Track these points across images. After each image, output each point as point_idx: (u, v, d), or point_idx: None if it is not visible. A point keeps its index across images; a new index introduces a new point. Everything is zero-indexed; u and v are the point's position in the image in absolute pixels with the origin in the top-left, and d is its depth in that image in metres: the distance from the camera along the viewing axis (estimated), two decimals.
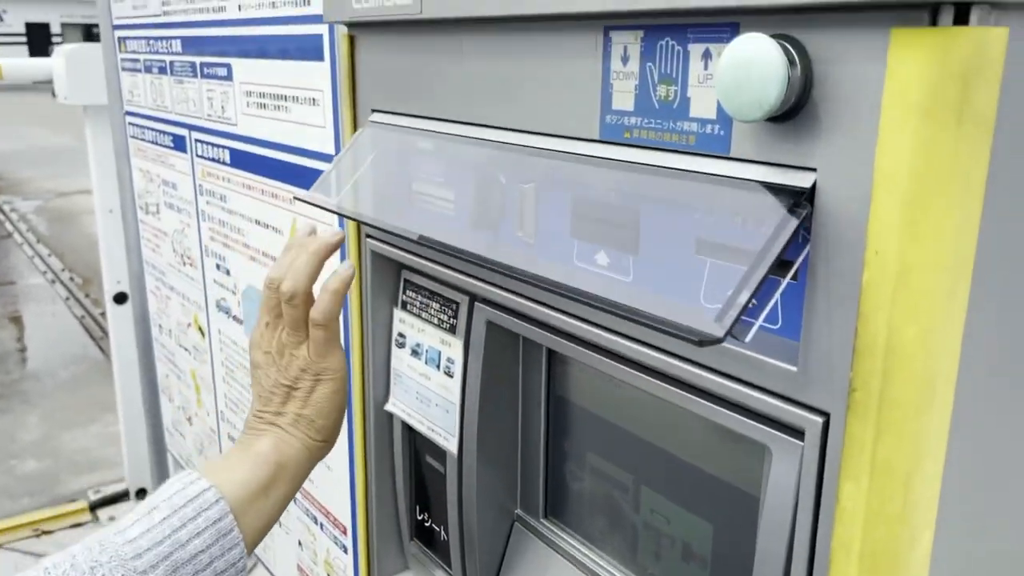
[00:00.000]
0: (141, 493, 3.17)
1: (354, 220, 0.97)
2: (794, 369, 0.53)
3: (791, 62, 0.48)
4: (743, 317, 0.51)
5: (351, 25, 0.92)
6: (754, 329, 0.55)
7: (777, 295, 0.54)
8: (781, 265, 0.52)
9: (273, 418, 0.79)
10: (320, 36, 1.05)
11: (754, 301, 0.52)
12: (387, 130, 0.90)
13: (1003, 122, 0.45)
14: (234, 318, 1.46)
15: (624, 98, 0.61)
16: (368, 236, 0.98)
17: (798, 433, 0.55)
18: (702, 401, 0.62)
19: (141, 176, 1.78)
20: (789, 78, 0.48)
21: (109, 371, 3.19)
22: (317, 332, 0.79)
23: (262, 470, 0.74)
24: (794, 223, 0.50)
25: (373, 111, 0.92)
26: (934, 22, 0.43)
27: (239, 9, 1.22)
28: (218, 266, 1.48)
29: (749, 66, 0.48)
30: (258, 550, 1.55)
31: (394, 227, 0.87)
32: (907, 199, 0.44)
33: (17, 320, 5.34)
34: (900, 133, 0.44)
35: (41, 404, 4.07)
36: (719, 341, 0.50)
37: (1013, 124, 0.45)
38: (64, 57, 2.75)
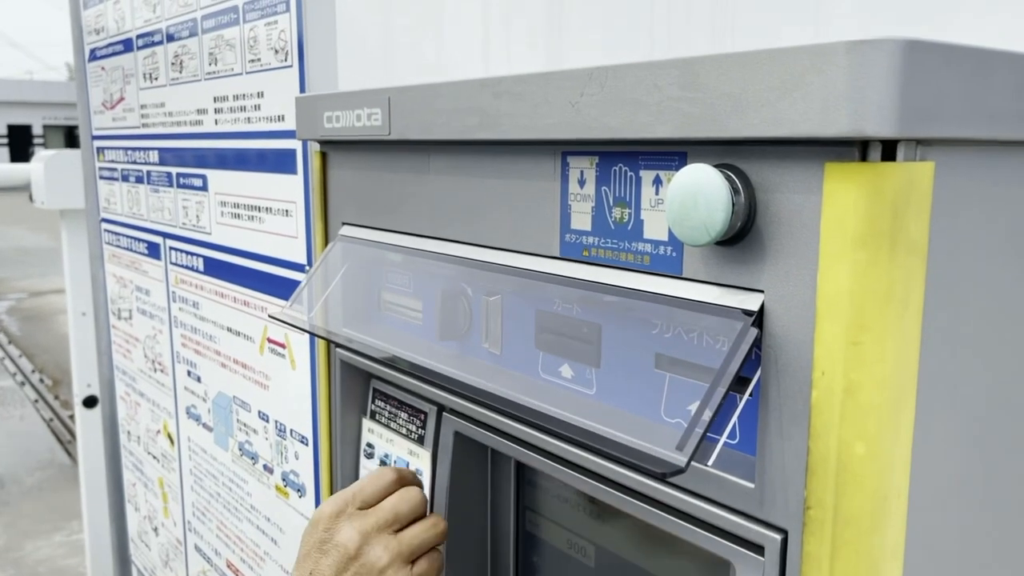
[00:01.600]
0: None
1: (326, 339, 0.98)
2: (751, 486, 0.53)
3: (735, 190, 0.51)
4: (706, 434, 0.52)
5: (323, 143, 0.95)
6: (716, 451, 0.55)
7: (736, 415, 0.55)
8: (737, 382, 0.54)
9: None
10: (293, 151, 1.08)
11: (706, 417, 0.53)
12: (357, 244, 0.92)
13: (936, 247, 0.47)
14: (204, 425, 1.44)
15: (582, 218, 0.64)
16: (338, 346, 0.99)
17: (759, 548, 0.55)
18: (666, 516, 0.63)
19: (115, 281, 1.79)
20: (734, 205, 0.50)
21: (76, 477, 3.11)
22: None
23: None
24: (746, 346, 0.52)
25: (344, 224, 0.95)
26: (864, 157, 0.45)
27: (215, 123, 1.26)
28: (189, 372, 1.48)
29: (696, 194, 0.50)
30: None
31: (363, 344, 0.88)
32: (849, 322, 0.46)
33: None
34: (839, 259, 0.46)
35: (5, 512, 3.95)
36: (682, 471, 0.51)
37: (945, 249, 0.48)
38: (43, 163, 2.79)
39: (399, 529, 0.75)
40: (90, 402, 2.90)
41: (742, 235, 0.51)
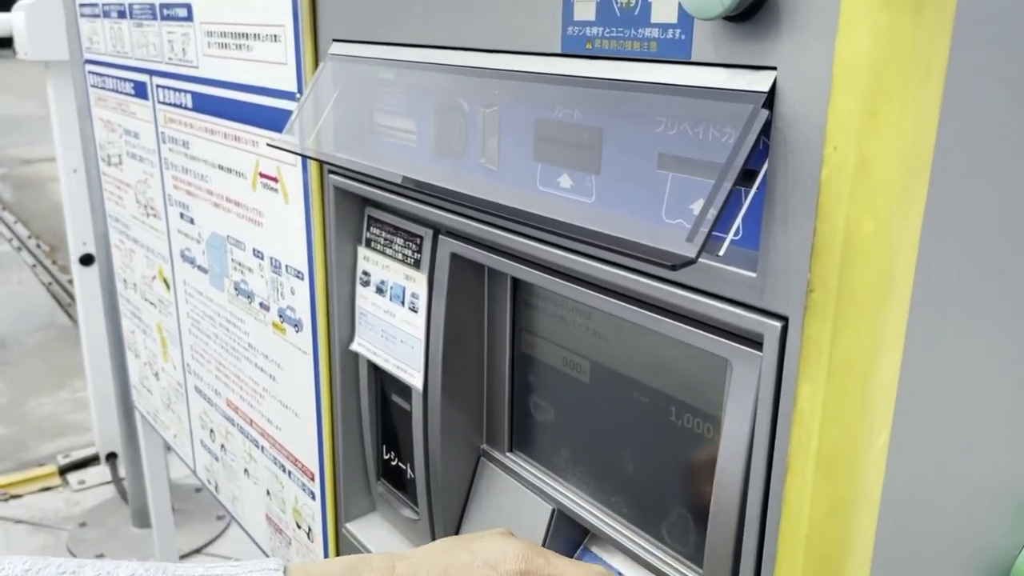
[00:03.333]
0: (111, 457, 3.16)
1: (318, 160, 0.96)
2: (753, 275, 0.52)
3: None
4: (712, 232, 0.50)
5: None
6: (726, 243, 0.54)
7: (745, 206, 0.53)
8: (745, 175, 0.52)
9: None
10: None
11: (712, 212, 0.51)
12: (348, 63, 0.89)
13: (964, 9, 0.44)
14: (199, 268, 1.44)
15: (585, 8, 0.60)
16: (331, 172, 0.96)
17: (758, 345, 0.55)
18: (663, 319, 0.62)
19: (102, 126, 1.75)
20: None
21: (77, 338, 3.15)
22: None
23: None
24: (755, 132, 0.50)
25: (334, 41, 0.91)
26: None
27: None
28: (182, 215, 1.46)
29: None
30: (228, 503, 1.55)
31: (357, 164, 0.85)
32: (866, 90, 0.44)
33: None
34: (859, 22, 0.43)
35: (7, 371, 4.01)
36: (692, 262, 0.49)
37: (974, 11, 0.45)
38: (24, 12, 2.68)
39: None
40: (87, 260, 2.91)
41: (756, 8, 0.48)
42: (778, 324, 0.51)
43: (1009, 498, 0.62)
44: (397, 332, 0.93)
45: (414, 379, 0.91)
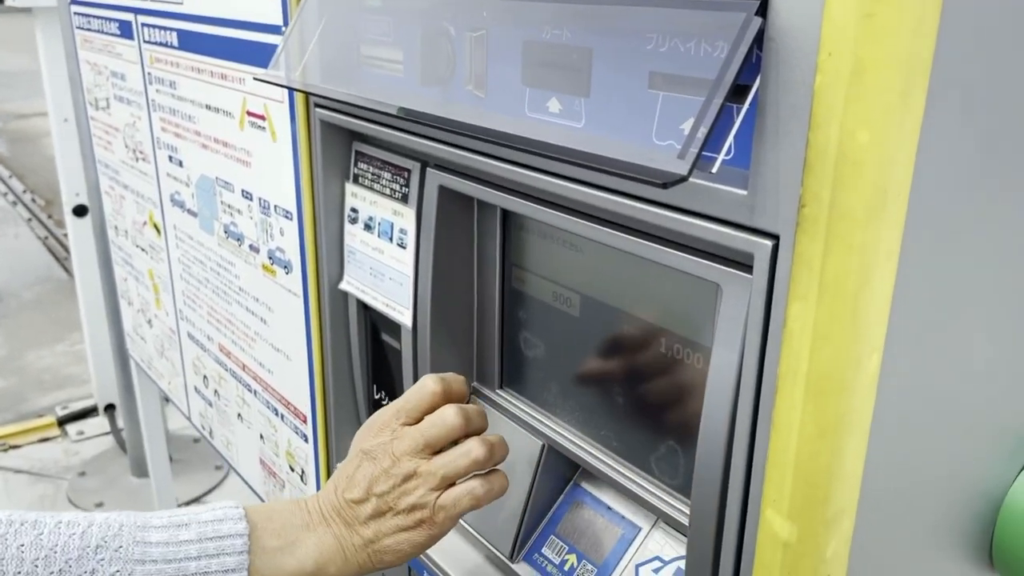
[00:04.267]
0: (109, 408, 3.17)
1: (305, 92, 0.93)
2: (744, 193, 0.51)
3: None
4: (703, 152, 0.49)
5: None
6: (719, 161, 0.52)
7: (737, 123, 0.51)
8: (737, 92, 0.50)
9: (345, 527, 0.70)
10: None
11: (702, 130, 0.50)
12: None
13: None
14: (189, 211, 1.42)
15: None
16: (317, 106, 0.94)
17: (748, 268, 0.53)
18: (653, 244, 0.61)
19: (89, 69, 1.71)
20: None
21: (73, 291, 3.14)
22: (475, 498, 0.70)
23: (304, 561, 0.68)
24: (748, 42, 0.48)
25: None
26: None
27: None
28: (171, 158, 1.43)
29: None
30: (222, 449, 1.55)
31: (343, 94, 0.83)
32: None
33: None
34: None
35: (5, 325, 4.01)
36: (683, 179, 0.48)
37: None
38: None
39: (436, 452, 0.71)
40: (80, 211, 2.88)
41: None
42: (769, 243, 0.50)
43: (1002, 428, 0.61)
44: (386, 269, 0.92)
45: (403, 317, 0.89)
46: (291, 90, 0.98)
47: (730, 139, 0.50)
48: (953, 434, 0.58)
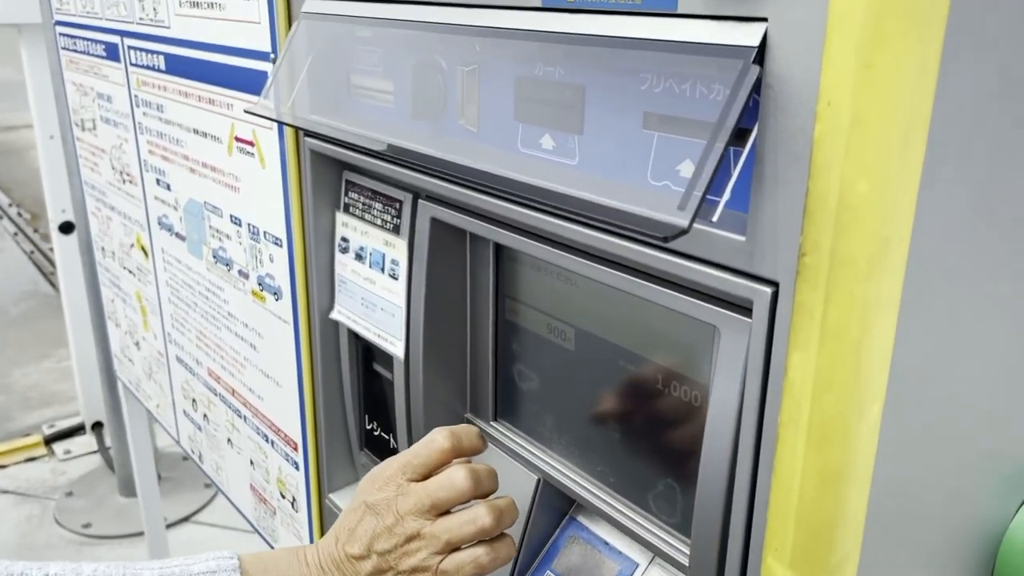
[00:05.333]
0: (97, 427, 3.14)
1: (293, 127, 0.93)
2: (742, 239, 0.50)
3: None
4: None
5: None
6: (720, 207, 0.51)
7: (738, 168, 0.51)
8: (735, 135, 0.49)
9: None
10: None
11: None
12: (322, 21, 0.85)
13: None
14: (177, 235, 1.40)
15: None
16: (307, 135, 0.93)
17: (747, 311, 0.53)
18: (649, 284, 0.60)
19: (75, 90, 1.70)
20: None
21: (60, 306, 3.11)
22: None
23: None
24: (747, 90, 0.47)
25: None
26: None
27: None
28: (158, 181, 1.42)
29: None
30: (212, 473, 1.53)
31: (332, 128, 0.82)
32: (862, 41, 0.41)
33: None
34: None
35: None
36: (685, 232, 0.47)
37: None
38: None
39: (442, 512, 0.68)
40: (66, 228, 2.86)
41: None
42: (768, 290, 0.49)
43: (1002, 466, 0.61)
44: (377, 300, 0.91)
45: (395, 348, 0.88)
46: (281, 124, 0.97)
47: (731, 185, 0.50)
48: (954, 474, 0.58)
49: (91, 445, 3.13)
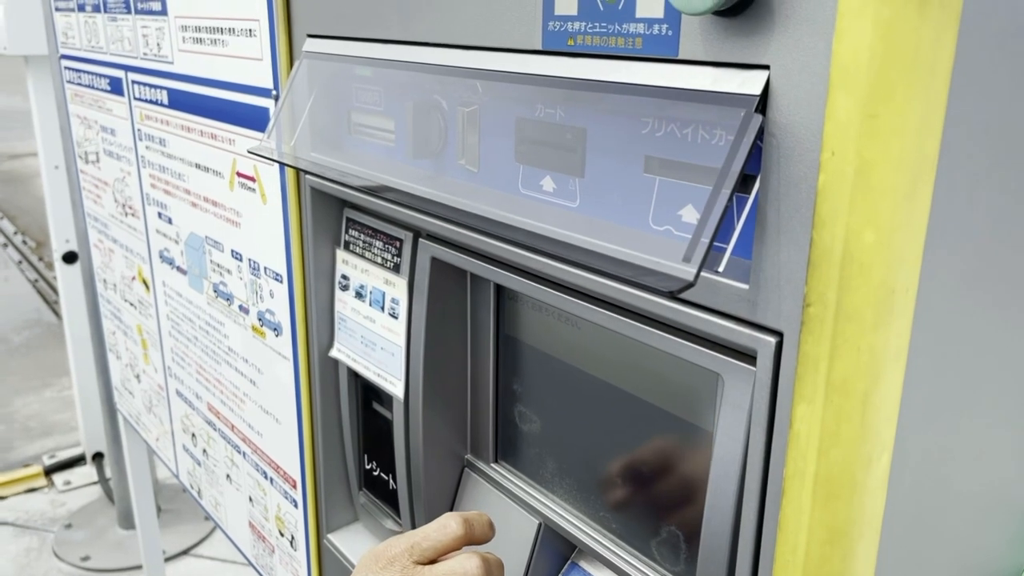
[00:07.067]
0: (97, 457, 3.11)
1: (293, 167, 0.92)
2: (745, 287, 0.49)
3: None
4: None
5: None
6: (726, 256, 0.51)
7: (743, 216, 0.50)
8: (740, 182, 0.48)
9: None
10: None
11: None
12: (323, 61, 0.85)
13: (971, 3, 0.41)
14: (178, 269, 1.40)
15: (567, 2, 0.57)
16: (307, 173, 0.93)
17: (751, 359, 0.51)
18: (652, 330, 0.59)
19: (79, 123, 1.70)
20: None
21: (63, 335, 3.10)
22: None
23: None
24: (750, 139, 0.46)
25: (308, 37, 0.87)
26: None
27: None
28: (160, 214, 1.42)
29: None
30: (211, 508, 1.51)
31: (331, 169, 0.82)
32: (866, 91, 0.40)
33: None
34: (859, 18, 0.40)
35: None
36: (691, 285, 0.46)
37: (982, 5, 0.42)
38: (3, 5, 2.63)
39: None
40: (70, 258, 2.86)
41: (747, 1, 0.45)
42: (772, 340, 0.48)
43: (1014, 519, 0.59)
44: (377, 339, 0.90)
45: (395, 388, 0.87)
46: (283, 165, 0.96)
47: (736, 234, 0.49)
48: (965, 526, 0.56)
49: (91, 476, 3.10)
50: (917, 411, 0.47)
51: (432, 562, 0.66)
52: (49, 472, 3.12)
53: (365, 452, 1.00)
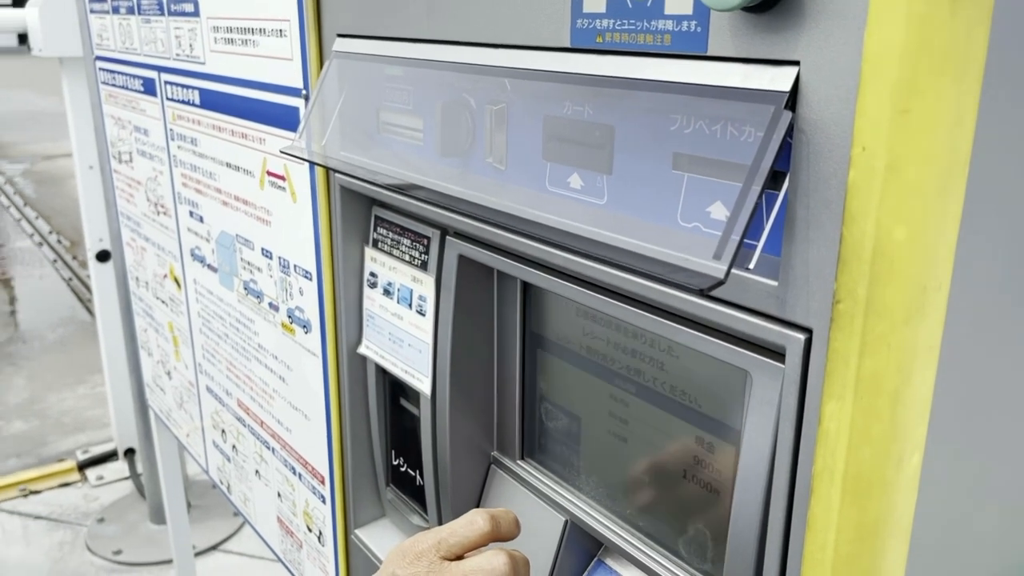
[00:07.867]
0: (129, 453, 3.16)
1: (323, 166, 0.93)
2: (775, 284, 0.49)
3: None
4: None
5: None
6: (757, 253, 0.50)
7: (773, 213, 0.50)
8: (770, 179, 0.48)
9: None
10: None
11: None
12: (353, 60, 0.86)
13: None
14: (209, 267, 1.42)
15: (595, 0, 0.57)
16: (337, 172, 0.94)
17: (780, 356, 0.51)
18: (680, 327, 0.59)
19: (113, 123, 1.73)
20: None
21: (96, 332, 3.15)
22: None
23: None
24: (780, 135, 0.46)
25: (338, 36, 0.88)
26: None
27: None
28: (191, 213, 1.44)
29: None
30: (240, 504, 1.53)
31: (359, 168, 0.83)
32: (897, 86, 0.40)
33: (6, 283, 5.28)
34: (890, 12, 0.40)
35: (28, 366, 4.04)
36: (721, 283, 0.46)
37: (1015, 2, 0.41)
38: (38, 8, 2.68)
39: None
40: (103, 256, 2.90)
41: None
42: (801, 336, 0.48)
43: None
44: (405, 335, 0.90)
45: (422, 384, 0.88)
46: (313, 164, 0.97)
47: (766, 230, 0.49)
48: (998, 526, 0.56)
49: (123, 471, 3.15)
50: (950, 409, 0.47)
51: (459, 558, 0.67)
52: (82, 467, 3.17)
53: (392, 448, 1.01)
